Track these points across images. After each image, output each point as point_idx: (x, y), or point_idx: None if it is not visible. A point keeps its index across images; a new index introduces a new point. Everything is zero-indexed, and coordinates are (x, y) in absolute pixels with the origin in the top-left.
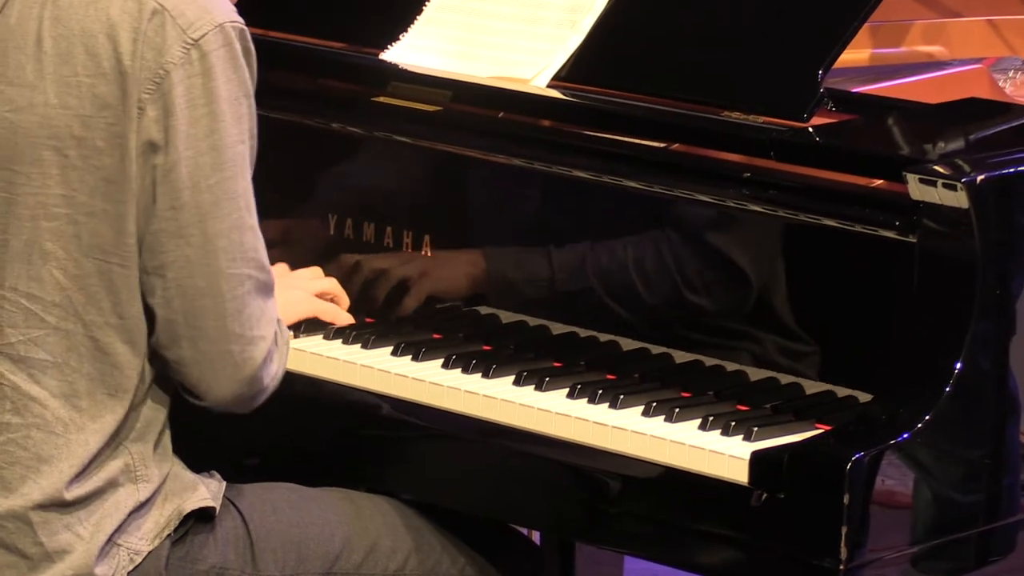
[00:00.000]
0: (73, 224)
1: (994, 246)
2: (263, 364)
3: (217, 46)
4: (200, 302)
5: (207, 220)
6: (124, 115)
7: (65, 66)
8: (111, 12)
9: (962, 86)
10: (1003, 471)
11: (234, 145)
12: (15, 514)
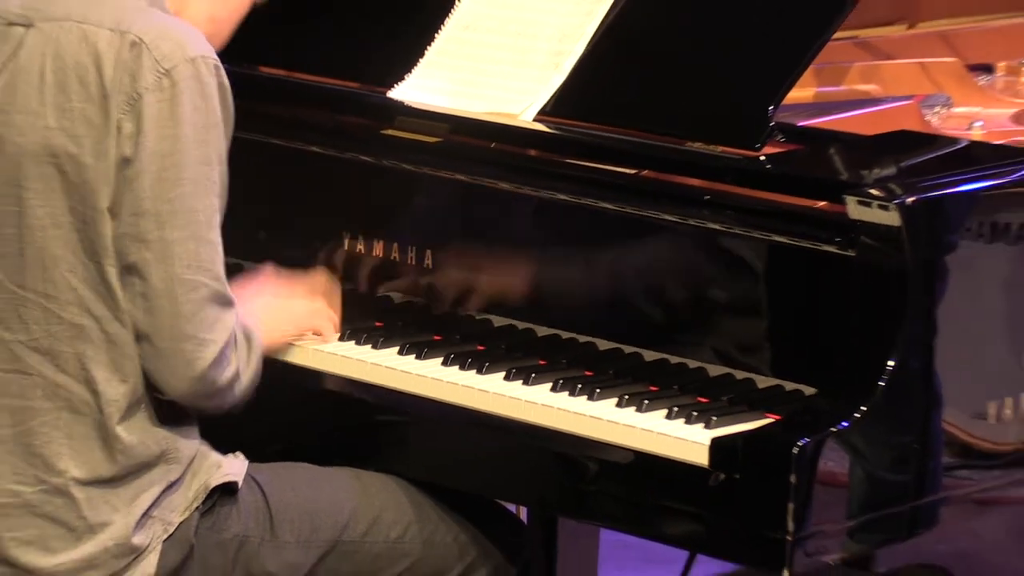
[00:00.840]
0: (75, 231)
1: (922, 260)
2: (213, 365)
3: (186, 76)
4: (158, 302)
5: (165, 227)
6: (106, 133)
7: (62, 94)
8: (99, 45)
9: (894, 120)
10: (929, 455)
11: (195, 165)
12: (60, 490)
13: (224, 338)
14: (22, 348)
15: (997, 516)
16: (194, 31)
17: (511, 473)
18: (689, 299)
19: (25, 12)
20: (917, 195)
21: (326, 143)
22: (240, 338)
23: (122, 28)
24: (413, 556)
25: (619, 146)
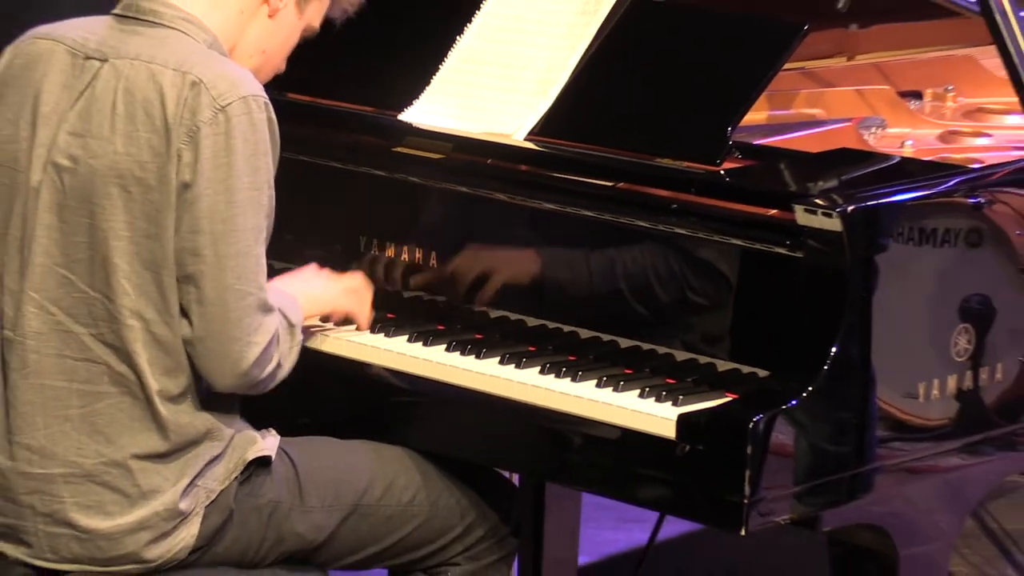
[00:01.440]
0: (134, 244)
1: (860, 260)
2: (255, 364)
3: (240, 113)
4: (210, 308)
5: (219, 244)
6: (168, 160)
7: (130, 124)
8: (164, 83)
9: (836, 140)
10: (866, 429)
11: (246, 190)
12: (117, 463)
13: (266, 340)
14: (91, 340)
15: (925, 482)
16: (246, 73)
17: (505, 445)
18: (658, 294)
19: (102, 49)
20: (856, 204)
21: (346, 159)
22: (284, 333)
23: (184, 69)
24: (421, 517)
25: (598, 162)
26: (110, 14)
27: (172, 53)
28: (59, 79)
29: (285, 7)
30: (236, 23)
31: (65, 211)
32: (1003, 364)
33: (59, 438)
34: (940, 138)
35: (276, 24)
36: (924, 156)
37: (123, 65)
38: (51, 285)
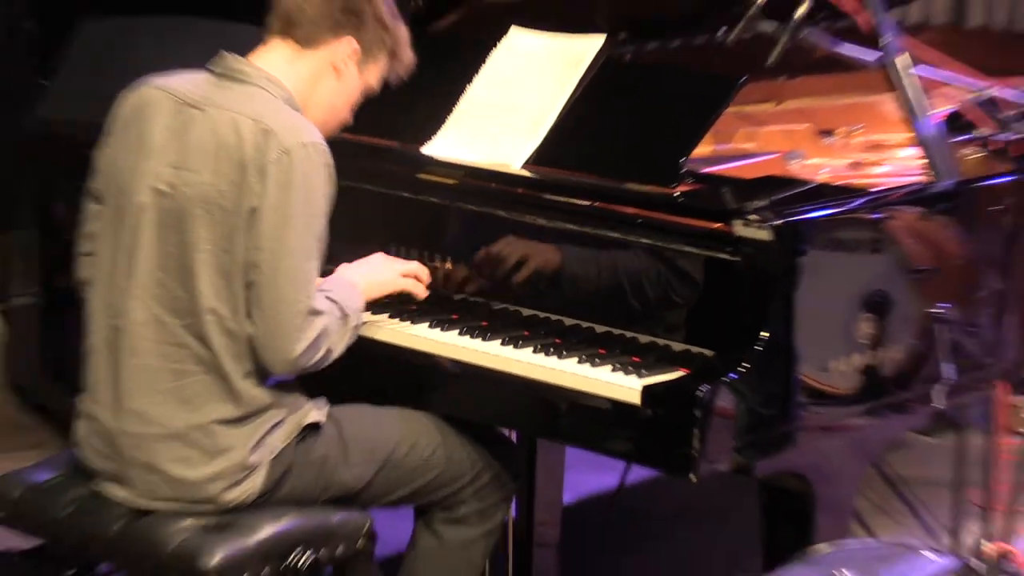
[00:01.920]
0: (213, 256)
1: (786, 263)
2: (301, 355)
3: (299, 157)
4: (266, 311)
5: (274, 259)
6: (242, 191)
7: (216, 161)
8: (243, 130)
9: (766, 168)
10: (790, 396)
11: (299, 216)
12: (200, 427)
13: (312, 337)
14: (180, 330)
15: (836, 438)
16: (309, 124)
17: (505, 409)
18: (626, 290)
19: (199, 100)
20: (782, 219)
21: (380, 183)
22: (336, 324)
23: (259, 119)
24: (439, 468)
25: (578, 185)
26: (209, 71)
27: (253, 106)
28: (164, 122)
29: (349, 71)
30: (309, 83)
31: (162, 228)
32: (897, 345)
33: (155, 406)
34: (849, 167)
35: (341, 84)
36: (837, 181)
37: (214, 113)
38: (151, 285)
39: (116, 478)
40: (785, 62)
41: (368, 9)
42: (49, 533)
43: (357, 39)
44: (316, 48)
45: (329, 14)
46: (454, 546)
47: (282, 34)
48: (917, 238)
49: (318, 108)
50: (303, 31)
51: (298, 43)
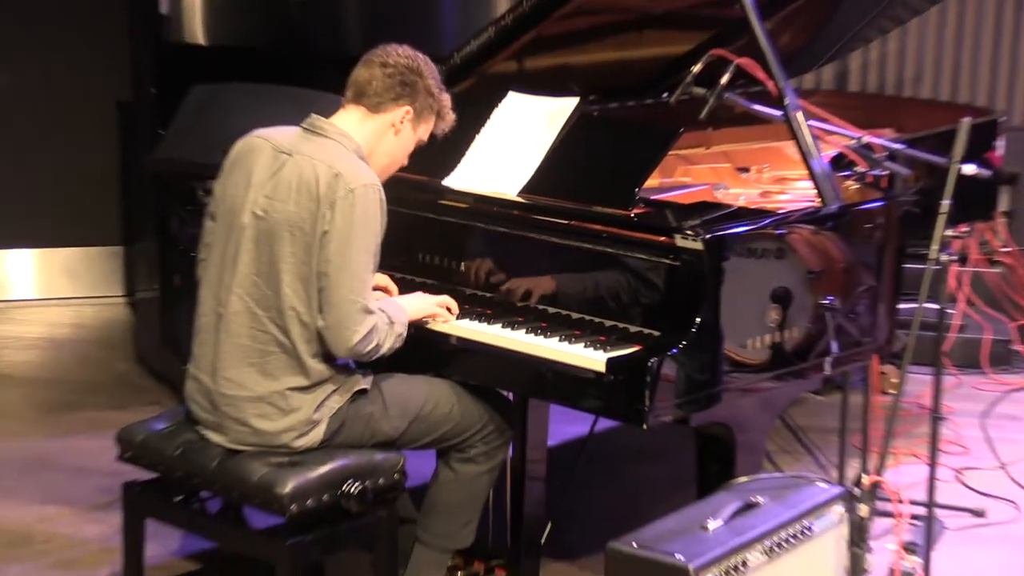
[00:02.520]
0: (294, 266)
1: (713, 267)
2: (358, 344)
3: (361, 195)
4: (332, 310)
5: (340, 271)
6: (317, 218)
7: (299, 194)
8: (319, 173)
9: (699, 196)
10: (717, 366)
11: (358, 240)
12: (278, 392)
13: (367, 330)
14: (266, 319)
15: (751, 397)
16: (369, 170)
17: (504, 376)
18: (595, 287)
19: (289, 148)
20: (711, 234)
21: (412, 207)
22: (384, 327)
23: (332, 165)
24: (455, 420)
25: (558, 208)
26: (300, 126)
27: (328, 155)
28: (264, 163)
29: (405, 129)
30: (374, 138)
31: (258, 243)
32: (796, 328)
33: (244, 375)
34: (760, 195)
35: (399, 140)
36: (751, 206)
37: (299, 159)
38: (247, 285)
39: (214, 427)
40: (713, 117)
41: (420, 83)
42: (163, 468)
43: (411, 106)
44: (380, 113)
45: (391, 87)
46: (466, 479)
47: (355, 101)
48: (811, 248)
49: (381, 157)
50: (370, 100)
51: (367, 109)
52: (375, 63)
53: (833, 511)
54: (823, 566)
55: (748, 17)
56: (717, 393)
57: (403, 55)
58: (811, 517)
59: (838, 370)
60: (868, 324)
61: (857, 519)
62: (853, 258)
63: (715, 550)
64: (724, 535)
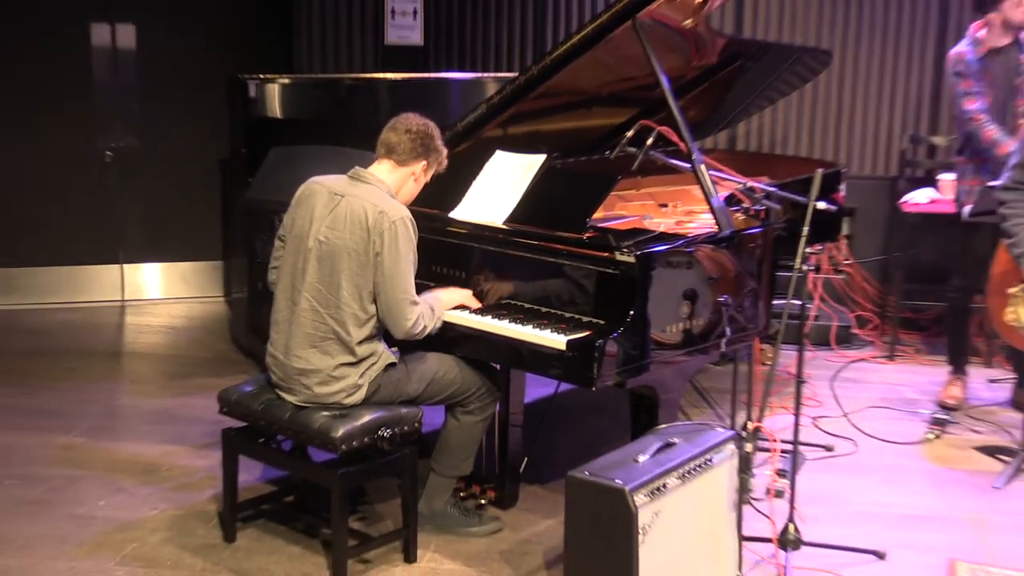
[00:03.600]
0: (350, 279)
1: (642, 274)
2: (410, 328)
3: (400, 225)
4: (388, 306)
5: (391, 280)
6: (368, 244)
7: (352, 226)
8: (367, 210)
9: (632, 224)
10: (645, 346)
11: (403, 256)
12: (333, 366)
13: (415, 317)
14: (327, 315)
15: (670, 367)
16: (402, 206)
17: (493, 353)
18: (557, 290)
19: (340, 191)
20: (640, 251)
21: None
22: (427, 314)
23: (376, 204)
24: (458, 384)
25: (532, 232)
26: (348, 176)
27: (371, 196)
28: (323, 202)
29: (421, 177)
30: (400, 183)
31: (320, 260)
32: (701, 318)
33: (309, 355)
34: (675, 224)
35: (417, 184)
36: (669, 232)
37: (350, 199)
38: (312, 291)
39: (286, 390)
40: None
41: (432, 144)
42: (251, 419)
43: (426, 160)
44: (405, 166)
45: (413, 149)
46: (466, 426)
47: (386, 156)
48: (711, 261)
49: (405, 197)
50: (398, 156)
51: (395, 163)
52: (400, 129)
53: (727, 448)
54: (720, 487)
55: (666, 98)
56: (645, 365)
57: (420, 123)
58: (711, 452)
59: (730, 348)
60: (752, 315)
61: (744, 453)
62: (741, 268)
63: (644, 476)
64: (650, 465)
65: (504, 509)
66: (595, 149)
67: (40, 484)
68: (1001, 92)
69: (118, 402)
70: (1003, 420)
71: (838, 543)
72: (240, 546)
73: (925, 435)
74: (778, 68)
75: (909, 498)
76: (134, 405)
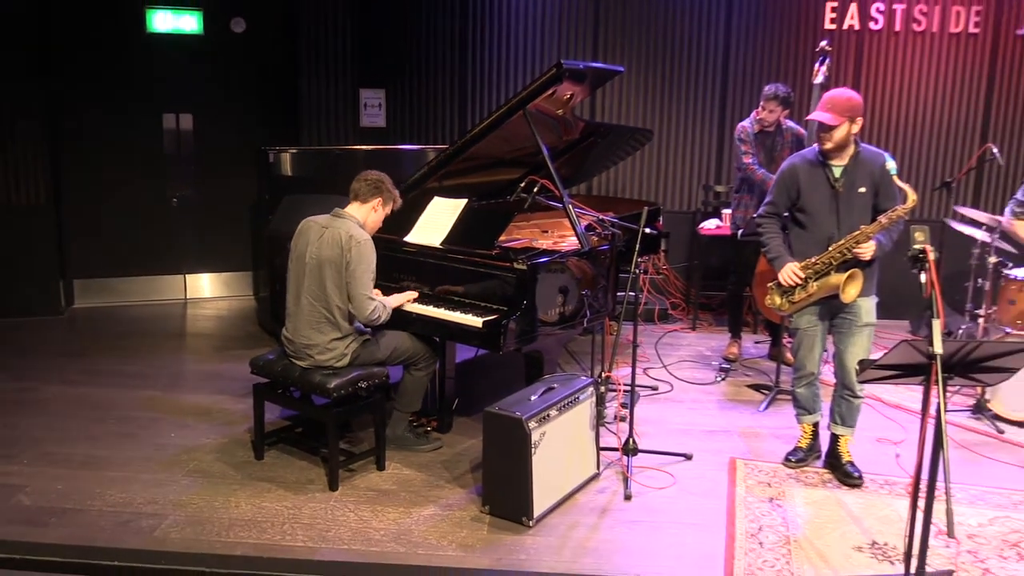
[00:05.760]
0: (334, 281)
1: (531, 276)
2: (368, 314)
3: (365, 246)
4: (355, 301)
5: (355, 282)
6: (343, 258)
7: (333, 247)
8: (342, 236)
9: (525, 244)
10: (535, 324)
11: (363, 266)
12: (326, 341)
13: (371, 308)
14: (320, 307)
15: (550, 338)
16: (364, 232)
17: (435, 330)
18: (477, 288)
19: (326, 225)
20: (531, 261)
21: (387, 250)
22: (381, 306)
23: (348, 231)
24: (411, 351)
25: (459, 249)
26: (330, 214)
27: (345, 227)
28: (315, 232)
29: (380, 210)
30: (365, 216)
31: (313, 271)
32: (570, 306)
33: (310, 334)
34: (552, 244)
35: (378, 216)
36: (549, 248)
37: (332, 229)
38: (309, 291)
39: (296, 358)
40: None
41: (383, 186)
42: (272, 376)
43: (381, 199)
44: (366, 203)
45: (369, 190)
46: (417, 379)
47: (354, 199)
48: (577, 268)
49: (371, 226)
50: (361, 197)
51: (360, 202)
52: (361, 179)
53: (588, 390)
54: (584, 416)
55: (546, 161)
56: (534, 336)
57: (374, 174)
58: (579, 393)
59: (590, 324)
60: (603, 302)
61: (599, 393)
62: (596, 271)
63: (534, 409)
64: (538, 402)
65: (443, 433)
66: (500, 195)
67: (132, 423)
68: (766, 159)
69: (183, 367)
70: (764, 368)
71: (661, 450)
72: (267, 462)
73: (715, 378)
74: (619, 141)
75: (706, 419)
76: (194, 369)
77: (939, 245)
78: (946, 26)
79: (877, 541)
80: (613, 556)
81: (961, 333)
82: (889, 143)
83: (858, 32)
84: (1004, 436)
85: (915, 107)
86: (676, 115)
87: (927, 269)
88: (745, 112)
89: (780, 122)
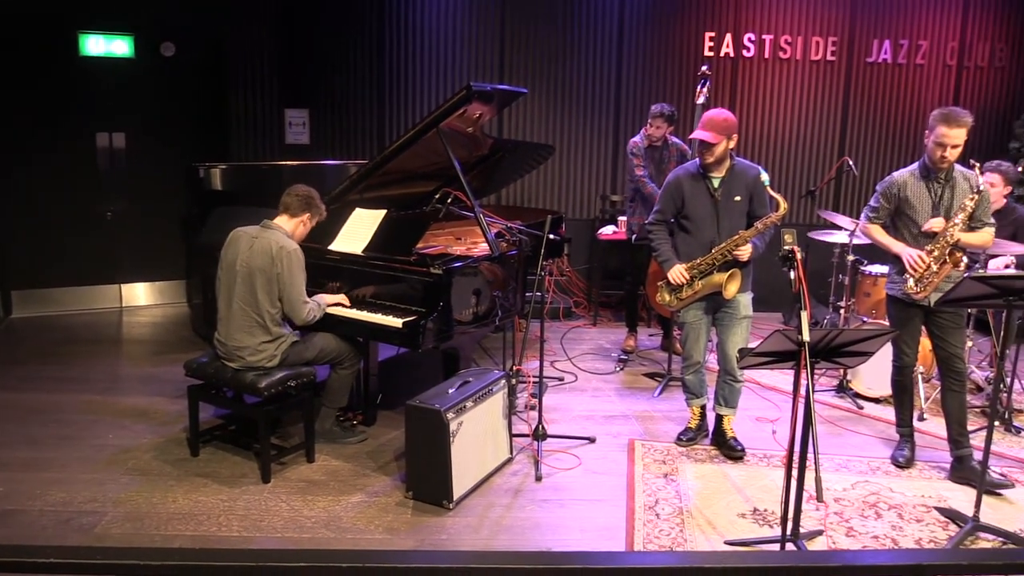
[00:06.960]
0: (265, 289)
1: (446, 280)
2: (305, 316)
3: (295, 255)
4: (289, 304)
5: (289, 289)
6: (273, 267)
7: (263, 256)
8: (272, 246)
9: (441, 250)
10: (450, 323)
11: (295, 272)
12: (257, 343)
13: (306, 310)
14: (251, 312)
15: (467, 336)
16: (293, 242)
17: (359, 331)
18: (397, 291)
19: (256, 235)
20: (446, 266)
21: (315, 258)
22: (316, 307)
23: (277, 241)
24: (337, 351)
25: (379, 256)
26: (260, 225)
27: (274, 237)
28: (245, 242)
29: (307, 223)
30: (294, 228)
31: (243, 278)
32: (483, 306)
33: (241, 337)
34: (465, 250)
35: (304, 227)
36: (463, 254)
37: (261, 239)
38: (240, 298)
39: (228, 359)
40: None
41: (313, 202)
42: (206, 377)
43: (310, 213)
44: (295, 217)
45: (300, 206)
46: (343, 376)
47: (284, 212)
48: (489, 271)
49: (298, 237)
50: (291, 211)
51: (289, 215)
52: (292, 193)
53: (501, 382)
54: (497, 406)
55: (458, 175)
56: (450, 335)
57: (304, 189)
58: (492, 385)
59: (501, 322)
60: (513, 302)
61: (511, 385)
62: (506, 275)
63: (452, 401)
64: (456, 395)
65: (368, 426)
66: (416, 205)
67: (71, 425)
68: (655, 171)
69: (120, 371)
70: (657, 357)
71: (568, 434)
72: (202, 458)
73: (615, 369)
74: (524, 156)
75: (607, 405)
76: (131, 373)
77: (805, 246)
78: (808, 54)
79: (758, 508)
80: (526, 532)
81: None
82: (761, 157)
83: (733, 59)
84: (863, 411)
85: (783, 125)
86: (575, 132)
87: (795, 267)
88: (636, 128)
89: (666, 138)
